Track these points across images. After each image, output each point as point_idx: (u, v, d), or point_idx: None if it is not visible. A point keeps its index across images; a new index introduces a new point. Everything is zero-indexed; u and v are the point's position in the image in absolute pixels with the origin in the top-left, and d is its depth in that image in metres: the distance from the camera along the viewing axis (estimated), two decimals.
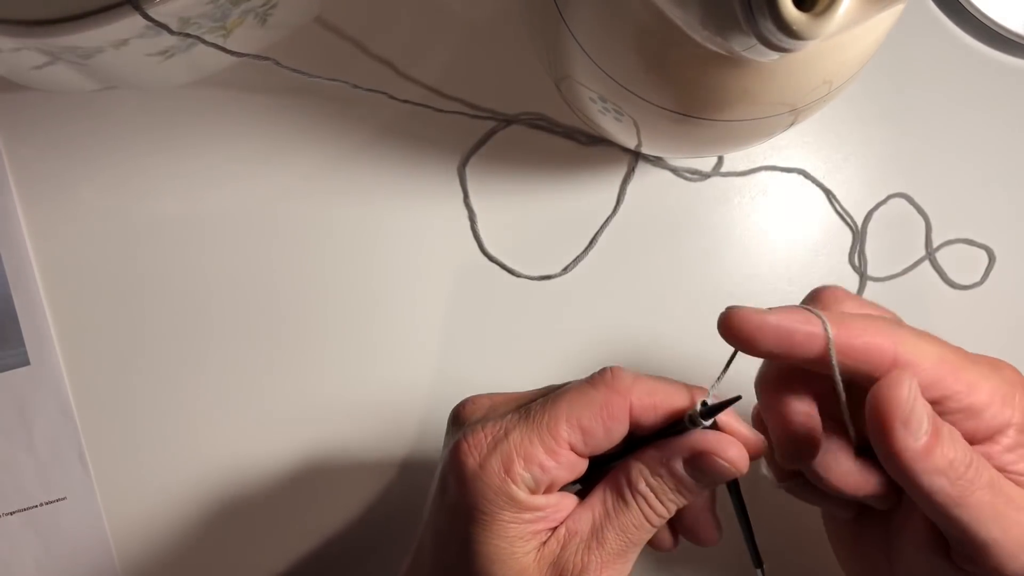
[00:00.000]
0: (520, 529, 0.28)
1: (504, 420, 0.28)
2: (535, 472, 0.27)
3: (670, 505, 0.29)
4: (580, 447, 0.28)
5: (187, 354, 0.43)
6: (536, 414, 0.28)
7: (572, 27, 0.32)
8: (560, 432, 0.28)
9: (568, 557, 0.28)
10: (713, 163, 0.45)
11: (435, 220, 0.44)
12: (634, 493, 0.28)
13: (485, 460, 0.28)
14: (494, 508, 0.27)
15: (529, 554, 0.28)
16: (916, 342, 0.28)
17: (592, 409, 0.28)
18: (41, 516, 0.42)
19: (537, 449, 0.27)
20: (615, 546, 0.28)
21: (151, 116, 0.44)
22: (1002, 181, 0.46)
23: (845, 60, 0.30)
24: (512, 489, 0.27)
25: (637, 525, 0.28)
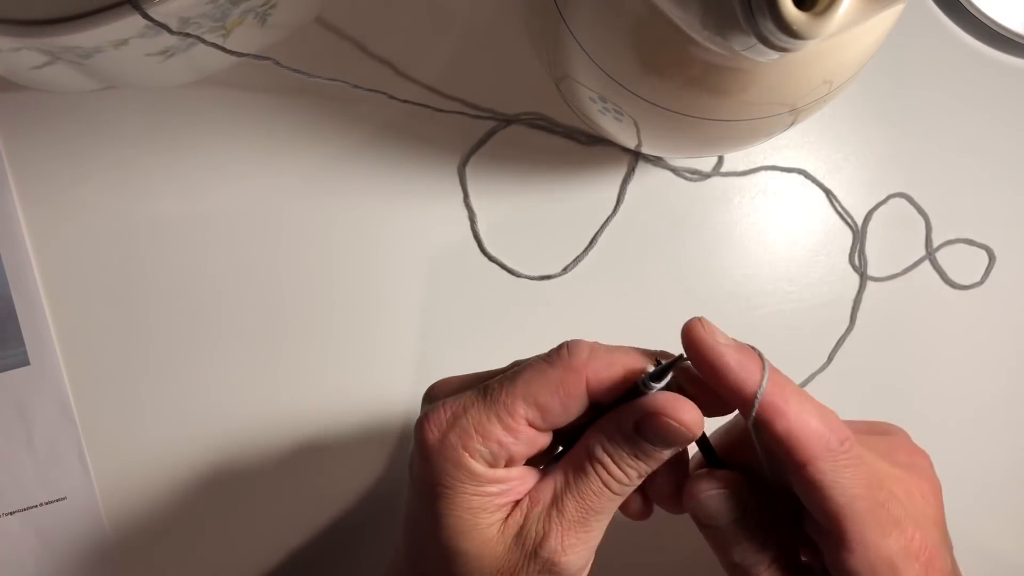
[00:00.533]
0: (482, 501, 0.28)
1: (462, 398, 0.29)
2: (493, 448, 0.28)
3: (629, 471, 0.29)
4: (538, 423, 0.28)
5: (187, 354, 0.43)
6: (494, 392, 0.28)
7: (572, 27, 0.32)
8: (517, 410, 0.28)
9: (530, 526, 0.28)
10: (713, 163, 0.45)
11: (435, 220, 0.44)
12: (591, 460, 0.29)
13: (444, 435, 0.28)
14: (455, 481, 0.28)
15: (493, 526, 0.28)
16: (839, 478, 0.27)
17: (548, 387, 0.28)
18: (41, 516, 0.42)
19: (495, 426, 0.28)
20: (575, 514, 0.28)
21: (151, 116, 0.44)
22: (1002, 181, 0.46)
23: (845, 60, 0.30)
24: (470, 463, 0.28)
25: (596, 492, 0.29)
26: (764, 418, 0.27)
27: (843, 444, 0.27)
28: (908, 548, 0.28)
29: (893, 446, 0.32)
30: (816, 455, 0.27)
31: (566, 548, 0.28)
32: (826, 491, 0.27)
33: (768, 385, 0.27)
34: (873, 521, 0.27)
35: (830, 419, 0.28)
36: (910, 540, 0.28)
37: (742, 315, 0.45)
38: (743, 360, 0.27)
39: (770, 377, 0.27)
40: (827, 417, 0.28)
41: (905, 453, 0.32)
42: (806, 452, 0.27)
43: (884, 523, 0.28)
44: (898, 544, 0.28)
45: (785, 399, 0.27)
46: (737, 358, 0.27)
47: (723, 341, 0.28)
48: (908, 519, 0.28)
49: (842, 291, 0.45)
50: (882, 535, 0.28)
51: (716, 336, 0.28)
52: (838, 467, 0.27)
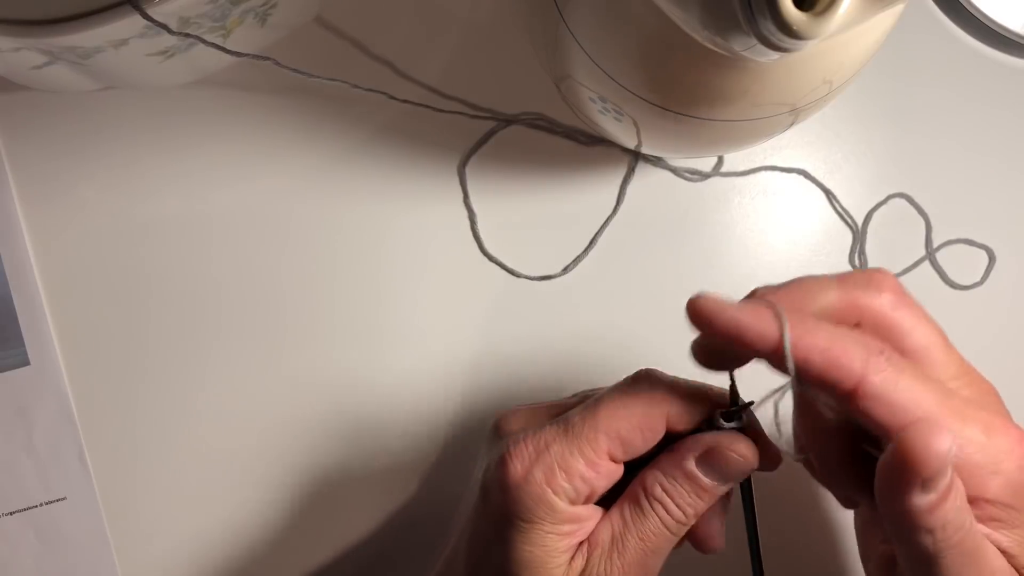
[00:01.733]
0: (556, 540, 0.29)
1: (544, 432, 0.29)
2: (576, 484, 0.28)
3: (687, 508, 0.29)
4: (619, 456, 0.29)
5: (188, 354, 0.43)
6: (576, 426, 0.29)
7: (572, 27, 0.32)
8: (600, 444, 0.28)
9: (591, 568, 0.29)
10: (713, 163, 0.45)
11: (435, 220, 0.44)
12: (650, 499, 0.29)
13: (528, 471, 0.28)
14: (534, 517, 0.28)
15: (560, 567, 0.29)
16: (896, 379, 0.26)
17: (631, 420, 0.28)
18: (41, 516, 0.42)
19: (578, 461, 0.28)
20: (635, 555, 0.29)
21: (151, 116, 0.44)
22: (1002, 181, 0.46)
23: (845, 60, 0.30)
24: (553, 499, 0.28)
25: (655, 532, 0.29)
26: (802, 358, 0.26)
27: (883, 352, 0.26)
28: (992, 428, 0.27)
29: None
30: (863, 372, 0.25)
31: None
32: (889, 400, 0.26)
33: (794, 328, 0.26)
34: (950, 409, 0.26)
35: (863, 335, 0.26)
36: (989, 423, 0.26)
37: None
38: (757, 313, 0.26)
39: (791, 318, 0.26)
40: (858, 334, 0.26)
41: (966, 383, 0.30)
42: (852, 374, 0.26)
43: (960, 408, 0.26)
44: (981, 426, 0.26)
45: (811, 333, 0.26)
46: (751, 312, 0.26)
47: (729, 303, 0.27)
48: (978, 406, 0.27)
49: None
50: (962, 422, 0.26)
51: (720, 302, 0.27)
52: (888, 376, 0.26)
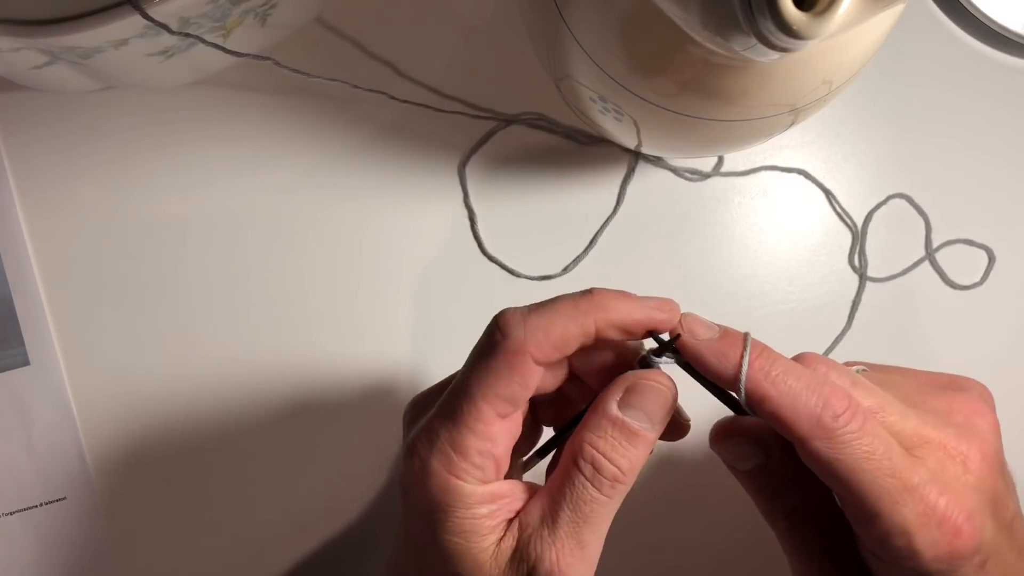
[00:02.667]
0: (473, 524, 0.28)
1: (429, 419, 0.29)
2: (476, 460, 0.28)
3: (621, 461, 0.28)
4: (506, 411, 0.28)
5: (188, 353, 0.43)
6: (452, 404, 0.28)
7: (572, 27, 0.32)
8: (482, 412, 0.27)
9: (523, 551, 0.28)
10: (713, 163, 0.45)
11: (435, 220, 0.44)
12: (579, 462, 0.28)
13: (427, 464, 0.28)
14: (446, 505, 0.28)
15: (486, 550, 0.28)
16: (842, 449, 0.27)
17: (499, 378, 0.28)
18: (41, 516, 0.42)
19: (469, 439, 0.27)
20: (568, 529, 0.28)
21: (151, 116, 0.44)
22: (1002, 181, 0.46)
23: (845, 60, 0.30)
24: (459, 485, 0.28)
25: (589, 499, 0.28)
26: (754, 402, 0.27)
27: (839, 419, 0.27)
28: (927, 515, 0.27)
29: (953, 405, 0.31)
30: (808, 434, 0.27)
31: (563, 567, 0.27)
32: (827, 466, 0.27)
33: (752, 370, 0.27)
34: (881, 491, 0.27)
35: (825, 395, 0.27)
36: (931, 507, 0.27)
37: (742, 315, 0.45)
38: (721, 350, 0.28)
39: (756, 360, 0.27)
40: (821, 393, 0.27)
41: (964, 414, 0.30)
42: (797, 432, 0.27)
43: (896, 492, 0.27)
44: (914, 512, 0.27)
45: (771, 381, 0.27)
46: (716, 349, 0.28)
47: (703, 335, 0.28)
48: (931, 485, 0.27)
49: (842, 291, 0.45)
50: (893, 504, 0.27)
51: (695, 332, 0.28)
52: (835, 444, 0.27)
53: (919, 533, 0.27)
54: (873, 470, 0.27)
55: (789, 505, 0.30)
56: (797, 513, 0.30)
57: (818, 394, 0.27)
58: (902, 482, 0.27)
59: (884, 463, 0.27)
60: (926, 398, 0.31)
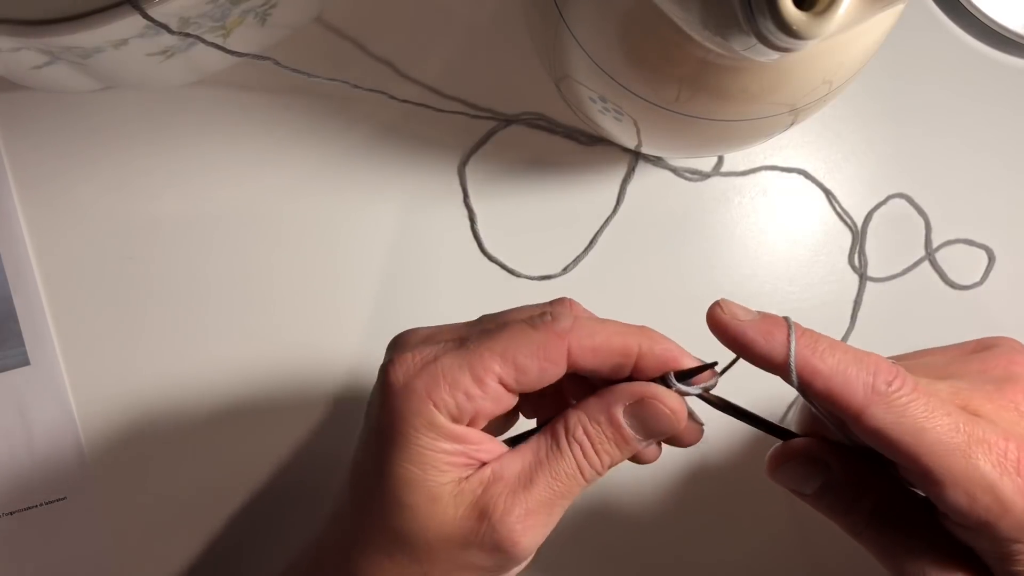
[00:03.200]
0: (435, 457, 0.27)
1: (436, 346, 0.28)
2: (459, 399, 0.27)
3: (604, 457, 0.28)
4: (511, 383, 0.28)
5: (188, 353, 0.43)
6: (472, 344, 0.28)
7: (572, 27, 0.32)
8: (493, 365, 0.27)
9: (490, 499, 0.27)
10: (713, 163, 0.45)
11: (435, 220, 0.44)
12: (569, 439, 0.28)
13: (410, 380, 0.27)
14: (411, 430, 0.27)
15: (445, 485, 0.27)
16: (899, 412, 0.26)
17: (530, 348, 0.27)
18: (41, 516, 0.42)
19: (465, 376, 0.27)
20: (543, 494, 0.28)
21: (151, 116, 0.44)
22: (1002, 181, 0.46)
23: (845, 60, 0.30)
24: (432, 412, 0.27)
25: (569, 474, 0.28)
26: (805, 381, 0.27)
27: (891, 384, 0.26)
28: (1002, 463, 0.26)
29: (989, 362, 0.30)
30: (864, 403, 0.26)
31: (526, 528, 0.27)
32: (889, 435, 0.26)
33: (798, 348, 0.27)
34: (951, 448, 0.26)
35: (873, 364, 0.27)
36: (1003, 454, 0.26)
37: None
38: (767, 331, 0.27)
39: (800, 339, 0.27)
40: (869, 363, 0.27)
41: (1002, 366, 0.30)
42: (853, 403, 0.26)
43: (965, 446, 0.26)
44: (989, 463, 0.26)
45: (819, 356, 0.27)
46: (761, 329, 0.27)
47: (744, 317, 0.28)
48: (996, 433, 0.27)
49: (842, 292, 0.45)
50: (966, 459, 0.26)
51: (737, 314, 0.28)
52: (892, 408, 0.26)
53: (1001, 483, 0.26)
54: (936, 428, 0.26)
55: (865, 510, 0.30)
56: (875, 517, 0.30)
57: (866, 364, 0.27)
58: (968, 434, 0.26)
59: (946, 419, 0.26)
60: (958, 366, 0.30)
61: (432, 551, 0.27)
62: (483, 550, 0.27)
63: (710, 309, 0.28)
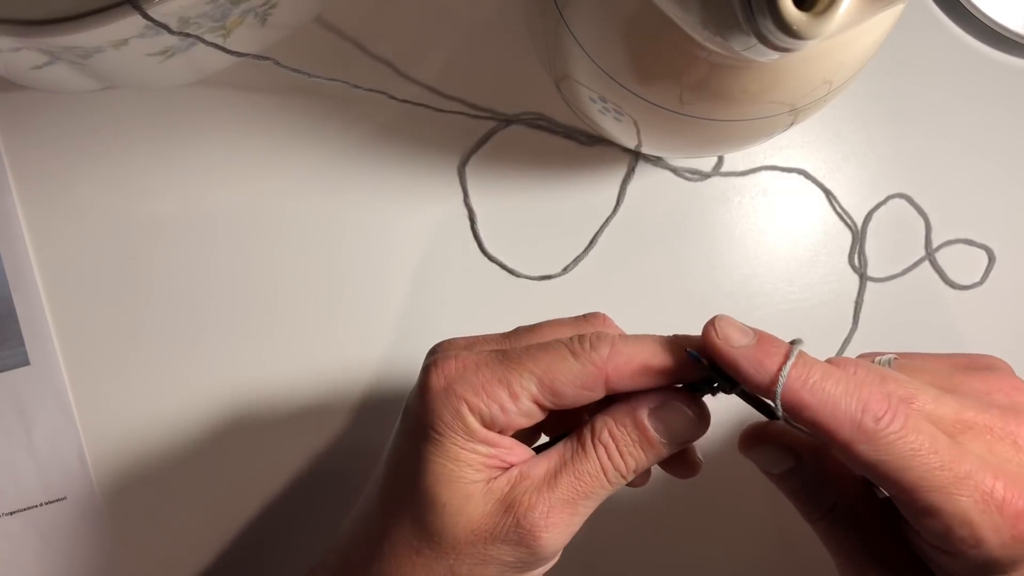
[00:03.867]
0: (469, 456, 0.28)
1: (478, 355, 0.29)
2: (494, 409, 0.28)
3: (628, 459, 0.29)
4: (545, 403, 0.29)
5: (188, 353, 0.43)
6: (513, 360, 0.29)
7: (572, 27, 0.32)
8: (530, 385, 0.28)
9: (516, 496, 0.28)
10: (713, 163, 0.45)
11: (435, 220, 0.44)
12: (595, 441, 0.29)
13: (450, 384, 0.29)
14: (448, 429, 0.28)
15: (477, 483, 0.28)
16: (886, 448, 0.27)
17: (567, 376, 0.28)
18: (41, 516, 0.42)
19: (502, 390, 0.28)
20: (566, 493, 0.28)
21: (151, 116, 0.44)
22: (1002, 181, 0.46)
23: (845, 60, 0.30)
24: (467, 416, 0.28)
25: (592, 474, 0.29)
26: (792, 413, 0.27)
27: (880, 421, 0.26)
28: (986, 502, 0.27)
29: (993, 383, 0.30)
30: (851, 439, 0.27)
31: (549, 524, 0.28)
32: (874, 468, 0.27)
33: (789, 379, 0.27)
34: (933, 486, 0.27)
35: (864, 398, 0.27)
36: (988, 493, 0.27)
37: (742, 315, 0.44)
38: (758, 361, 0.27)
39: (792, 369, 0.27)
40: (860, 396, 0.27)
41: (1004, 392, 0.30)
42: (839, 438, 0.27)
43: (949, 484, 0.27)
44: (971, 501, 0.27)
45: (809, 389, 0.27)
46: (751, 359, 0.27)
47: (738, 341, 0.28)
48: (984, 471, 0.27)
49: (842, 291, 0.45)
50: (948, 496, 0.27)
51: (731, 338, 0.28)
52: (879, 445, 0.26)
53: (980, 520, 0.27)
54: (921, 466, 0.27)
55: (826, 504, 0.31)
56: (835, 512, 0.30)
57: (857, 398, 0.27)
58: (953, 472, 0.27)
59: (931, 457, 0.27)
60: (963, 380, 0.30)
61: (459, 546, 0.28)
62: (508, 544, 0.28)
63: (705, 328, 0.28)
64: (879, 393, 0.27)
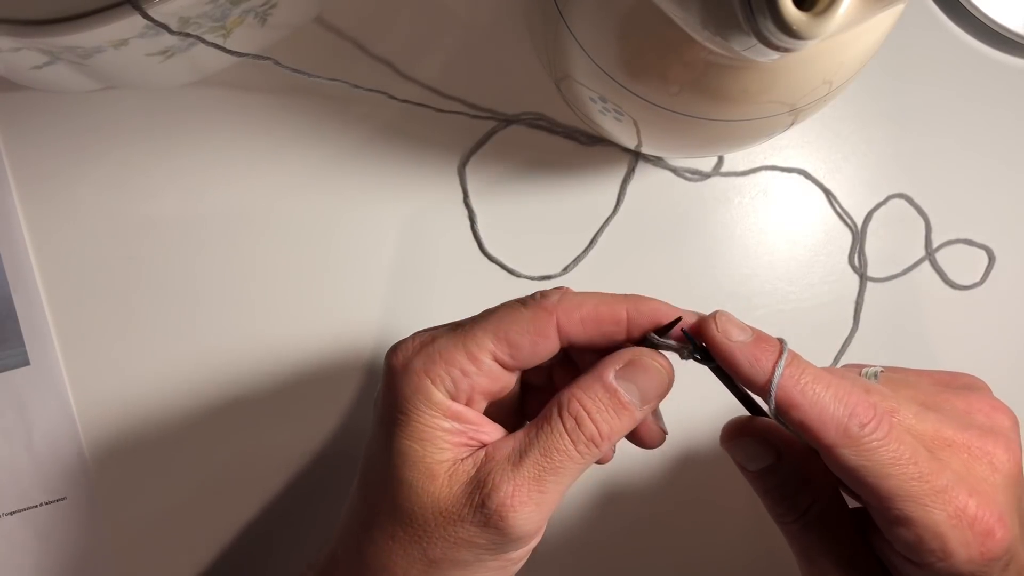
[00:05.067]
0: (434, 434, 0.28)
1: (433, 330, 0.30)
2: (455, 375, 0.28)
3: (602, 425, 0.28)
4: (506, 360, 0.29)
5: (186, 353, 0.43)
6: (464, 325, 0.29)
7: (572, 27, 0.32)
8: (485, 342, 0.29)
9: (481, 476, 0.28)
10: (713, 163, 0.45)
11: (435, 220, 0.44)
12: (563, 413, 0.28)
13: (408, 361, 0.29)
14: (410, 407, 0.28)
15: (442, 463, 0.28)
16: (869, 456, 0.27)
17: (520, 324, 0.29)
18: (41, 516, 0.42)
19: (459, 353, 0.28)
20: (532, 470, 0.28)
21: (151, 116, 0.44)
22: (1002, 181, 0.46)
23: (845, 60, 0.30)
24: (429, 388, 0.28)
25: (560, 449, 0.28)
26: (782, 410, 0.28)
27: (865, 427, 0.27)
28: (959, 517, 0.27)
29: (973, 405, 0.31)
30: (835, 442, 0.27)
31: (515, 504, 0.27)
32: (854, 473, 0.27)
33: (783, 378, 0.28)
34: (910, 495, 0.27)
35: (852, 404, 0.27)
36: (962, 509, 0.27)
37: (742, 315, 0.44)
38: (755, 356, 0.28)
39: (786, 368, 0.28)
40: (848, 402, 0.27)
41: (985, 412, 0.31)
42: (824, 440, 0.27)
43: (924, 496, 0.27)
44: (945, 514, 0.27)
45: (800, 390, 0.27)
46: (748, 354, 0.28)
47: (736, 337, 0.28)
48: (960, 487, 0.28)
49: (842, 292, 0.45)
50: (923, 507, 0.27)
51: (730, 333, 0.28)
52: (862, 451, 0.27)
53: (951, 535, 0.27)
54: (900, 475, 0.27)
55: (801, 505, 0.31)
56: (808, 514, 0.31)
57: (845, 403, 0.27)
58: (931, 485, 0.27)
59: (911, 468, 0.27)
60: (946, 397, 0.31)
61: (428, 528, 0.28)
62: (476, 526, 0.28)
63: (706, 320, 0.29)
64: (867, 401, 0.28)
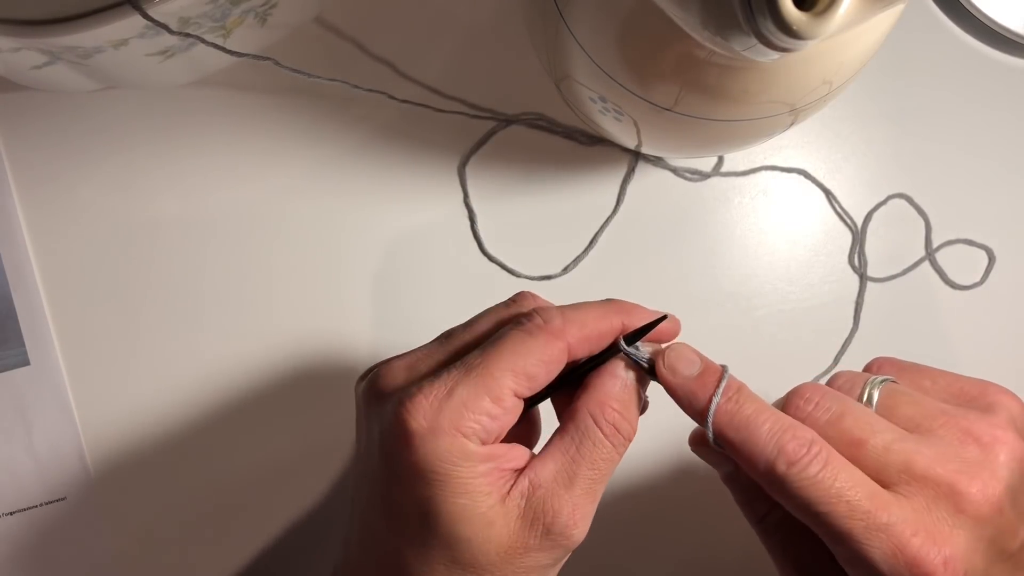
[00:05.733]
0: (476, 483, 0.28)
1: (443, 378, 0.28)
2: (484, 422, 0.28)
3: (634, 421, 0.30)
4: (523, 392, 0.29)
5: (186, 353, 0.43)
6: (479, 367, 0.28)
7: (572, 27, 0.32)
8: (505, 380, 0.28)
9: (536, 507, 0.28)
10: (713, 163, 0.45)
11: (435, 220, 0.44)
12: (601, 424, 0.29)
13: (434, 421, 0.28)
14: (449, 467, 0.28)
15: (493, 508, 0.28)
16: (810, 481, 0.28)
17: (534, 355, 0.29)
18: (41, 516, 0.42)
19: (484, 400, 0.28)
20: (586, 484, 0.29)
21: (151, 116, 0.44)
22: (1002, 181, 0.46)
23: (845, 60, 0.30)
24: (465, 443, 0.28)
25: (606, 458, 0.29)
26: (719, 440, 0.29)
27: (793, 467, 0.27)
28: (896, 556, 0.27)
29: (971, 431, 0.29)
30: (763, 479, 0.28)
31: (578, 520, 0.29)
32: (787, 504, 0.28)
33: (718, 414, 0.29)
34: (844, 531, 0.27)
35: (784, 443, 0.28)
36: (901, 547, 0.27)
37: (742, 315, 0.45)
38: (693, 393, 0.29)
39: (724, 404, 0.29)
40: (780, 442, 0.28)
41: (981, 443, 0.29)
42: (755, 475, 0.28)
43: (861, 531, 0.27)
44: (881, 551, 0.27)
45: (733, 427, 0.28)
46: (688, 390, 0.29)
47: (683, 371, 0.29)
48: (905, 524, 0.27)
49: (842, 292, 0.45)
50: (857, 542, 0.27)
51: (677, 368, 0.30)
52: (786, 489, 0.28)
53: (888, 571, 0.27)
54: (834, 512, 0.27)
55: (759, 512, 0.32)
56: (766, 521, 0.32)
57: (776, 442, 0.28)
58: (868, 522, 0.27)
59: (842, 507, 0.27)
60: (947, 420, 0.29)
61: (495, 568, 0.29)
62: (543, 551, 0.29)
63: (655, 357, 0.30)
64: (800, 440, 0.28)
